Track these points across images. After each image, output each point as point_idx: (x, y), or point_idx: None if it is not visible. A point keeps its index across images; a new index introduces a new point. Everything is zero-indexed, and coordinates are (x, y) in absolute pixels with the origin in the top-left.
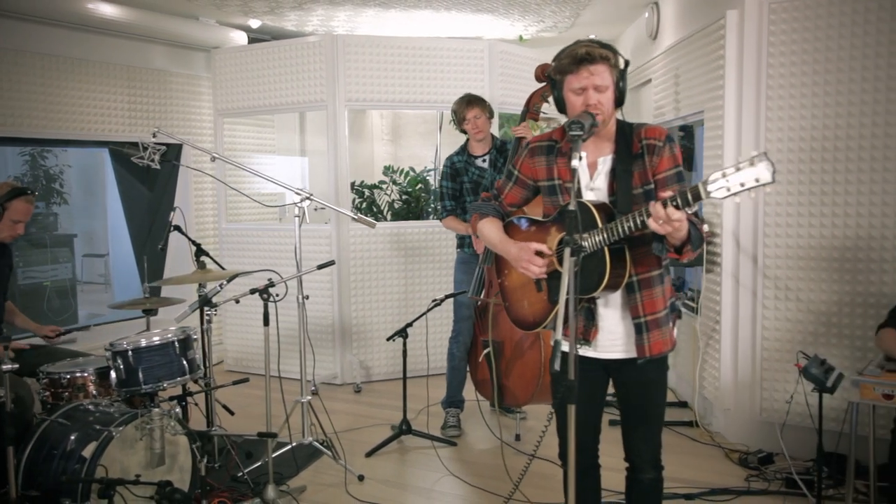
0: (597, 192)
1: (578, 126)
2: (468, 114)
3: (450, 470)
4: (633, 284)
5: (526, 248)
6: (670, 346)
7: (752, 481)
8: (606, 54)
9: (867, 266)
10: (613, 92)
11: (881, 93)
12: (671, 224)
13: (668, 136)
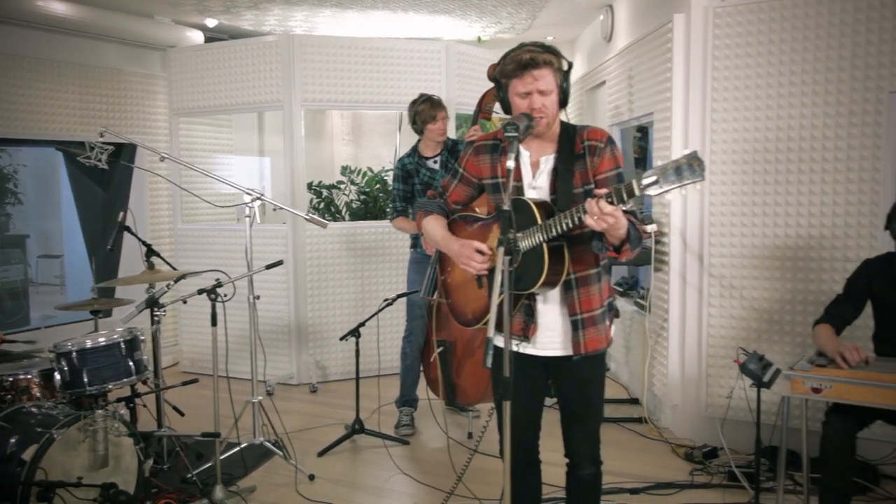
0: (539, 190)
1: (513, 128)
2: (439, 114)
3: (401, 468)
4: (571, 282)
5: (467, 246)
6: (605, 343)
7: (695, 475)
8: (550, 59)
9: (807, 265)
10: (557, 94)
11: (819, 96)
12: (605, 219)
13: (610, 138)
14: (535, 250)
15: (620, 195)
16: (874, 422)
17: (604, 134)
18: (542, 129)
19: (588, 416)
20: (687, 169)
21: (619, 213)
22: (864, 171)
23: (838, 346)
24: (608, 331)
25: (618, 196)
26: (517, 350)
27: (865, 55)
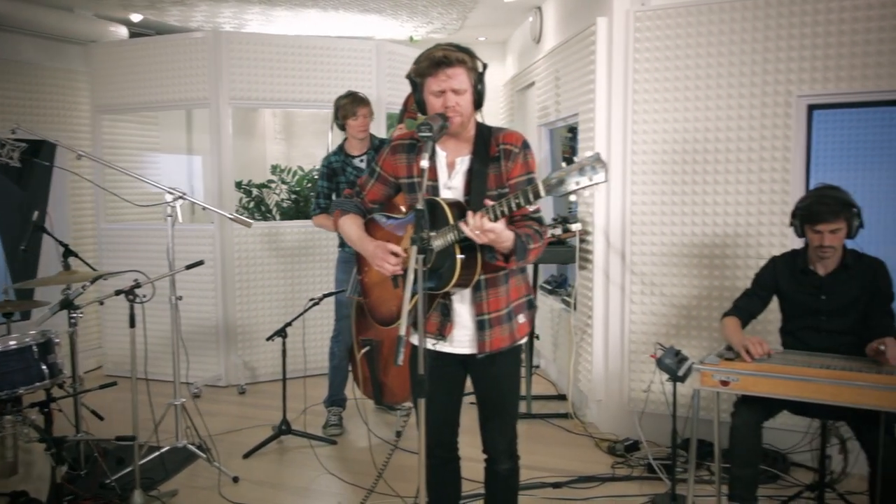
0: (454, 190)
1: (427, 128)
2: (360, 111)
3: (327, 468)
4: (480, 283)
5: (381, 247)
6: (510, 342)
7: (617, 468)
8: (463, 58)
9: (723, 262)
10: (472, 94)
11: (734, 99)
12: (486, 234)
13: (525, 142)
14: (447, 250)
15: (527, 196)
16: (780, 412)
17: (519, 138)
18: (456, 127)
19: (503, 411)
20: (590, 170)
21: (499, 229)
22: (775, 172)
23: (743, 340)
24: (520, 329)
25: (524, 197)
26: (434, 348)
27: (776, 61)
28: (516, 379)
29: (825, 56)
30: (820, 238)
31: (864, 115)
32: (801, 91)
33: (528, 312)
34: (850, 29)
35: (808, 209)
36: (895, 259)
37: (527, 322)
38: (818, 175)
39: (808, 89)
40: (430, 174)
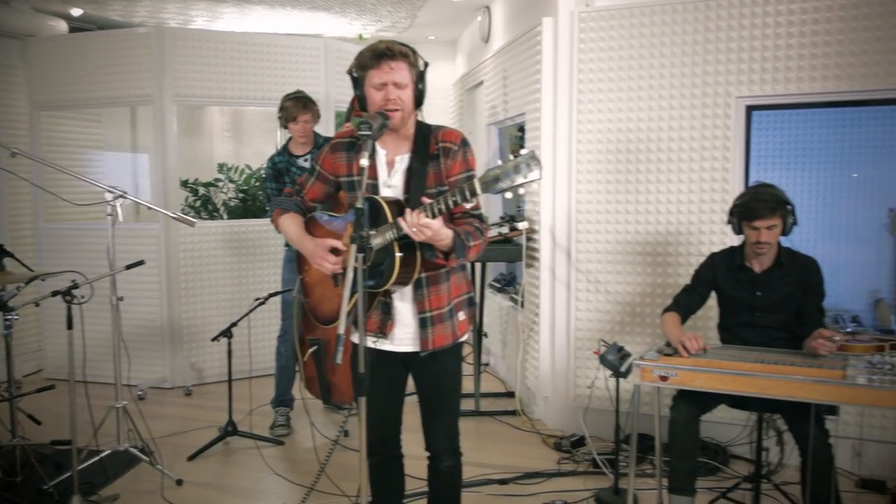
0: (393, 189)
1: (367, 126)
2: (301, 117)
3: (273, 469)
4: (421, 280)
5: (321, 245)
6: (453, 339)
7: (562, 464)
8: (406, 51)
9: (665, 259)
10: (413, 91)
11: (676, 100)
12: (422, 231)
13: (464, 140)
14: (387, 249)
15: (464, 193)
16: (717, 406)
17: (458, 136)
18: (397, 123)
19: (445, 409)
20: (525, 168)
21: (436, 226)
22: (715, 171)
23: (680, 336)
24: (461, 326)
25: (461, 194)
26: (375, 347)
27: (716, 62)
28: (458, 376)
29: (762, 59)
30: (757, 234)
31: (800, 116)
32: (740, 92)
33: (469, 310)
34: (785, 32)
35: (746, 206)
36: (831, 255)
37: (467, 319)
38: (757, 174)
39: (747, 90)
40: (370, 172)
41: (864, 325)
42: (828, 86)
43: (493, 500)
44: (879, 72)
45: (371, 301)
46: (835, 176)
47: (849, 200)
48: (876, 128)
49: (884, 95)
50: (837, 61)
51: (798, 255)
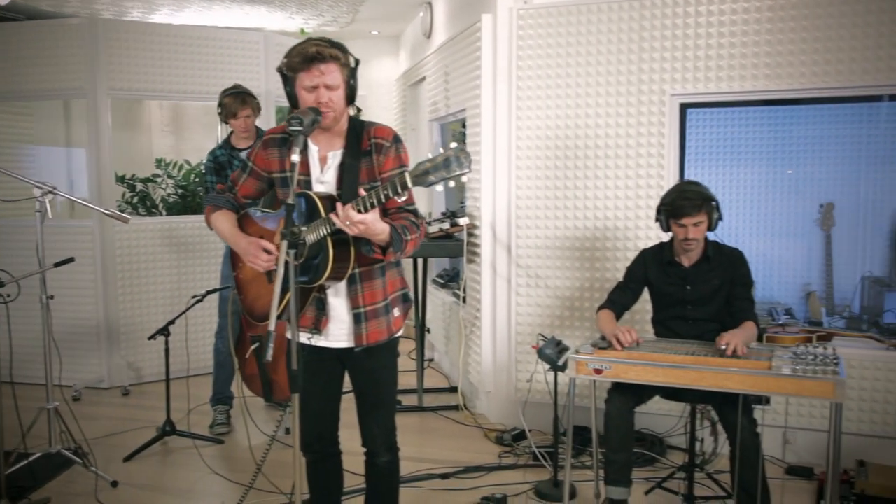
0: (326, 185)
1: (298, 122)
2: (241, 112)
3: (212, 468)
4: (355, 276)
5: (253, 243)
6: (387, 335)
7: (504, 457)
8: (336, 54)
9: (603, 254)
10: (345, 90)
11: (612, 97)
12: (356, 226)
13: (396, 136)
14: (320, 244)
15: (395, 187)
16: (652, 398)
17: (390, 132)
18: (329, 122)
19: (381, 404)
20: (455, 161)
21: (370, 219)
22: (651, 168)
23: (614, 329)
24: (395, 322)
25: (392, 188)
26: (310, 343)
27: (651, 60)
28: (393, 372)
29: (695, 57)
30: (684, 231)
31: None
32: (674, 90)
33: (404, 306)
34: (717, 32)
35: (672, 204)
36: (765, 250)
37: (402, 316)
38: (695, 171)
39: (681, 88)
40: (303, 168)
41: (796, 318)
42: (758, 84)
43: (434, 494)
44: (806, 71)
45: (306, 297)
46: (769, 172)
47: (783, 196)
48: (808, 126)
49: (812, 94)
50: (767, 61)
51: (724, 248)
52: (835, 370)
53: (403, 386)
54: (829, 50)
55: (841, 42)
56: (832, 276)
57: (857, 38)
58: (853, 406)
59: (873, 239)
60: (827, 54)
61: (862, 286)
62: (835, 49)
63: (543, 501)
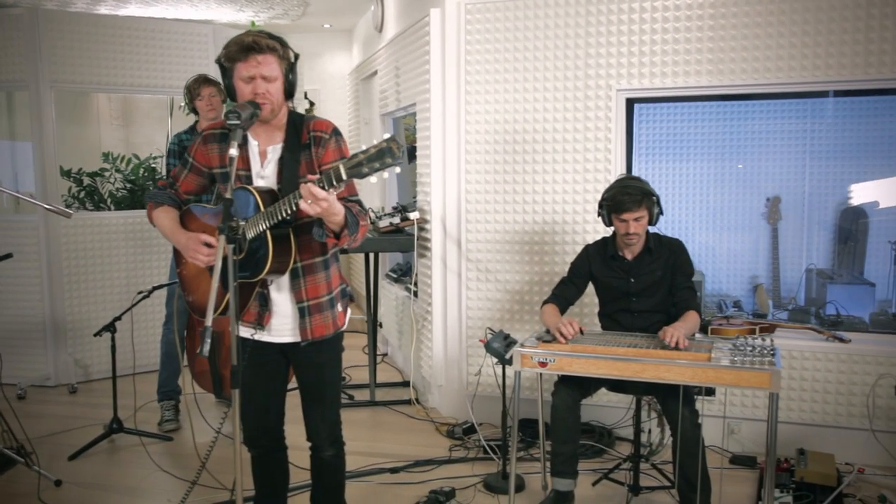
0: (266, 179)
1: (236, 115)
2: (204, 91)
3: (159, 465)
4: (298, 270)
5: (194, 238)
6: (332, 329)
7: (454, 451)
8: (274, 45)
9: (552, 248)
10: (283, 83)
11: (560, 91)
12: (319, 203)
13: (335, 129)
14: (260, 238)
15: (329, 179)
16: (598, 390)
17: (329, 125)
18: (266, 115)
19: (325, 399)
20: (388, 153)
21: (332, 198)
22: (598, 162)
23: (557, 322)
24: (339, 317)
25: (327, 180)
26: (254, 338)
27: (597, 56)
28: (337, 367)
29: (640, 52)
30: (626, 226)
31: (688, 109)
32: (620, 85)
33: (345, 301)
34: (661, 28)
35: (613, 199)
36: (715, 243)
37: (344, 311)
38: (646, 165)
39: (626, 83)
40: (244, 163)
41: (744, 310)
42: (701, 80)
43: (384, 489)
44: (748, 67)
45: (248, 293)
46: (718, 167)
47: (731, 191)
48: (756, 121)
49: (755, 90)
50: (710, 57)
51: (664, 239)
52: (771, 361)
53: (357, 381)
54: (769, 47)
55: (781, 39)
56: (779, 268)
57: (796, 35)
58: (794, 396)
59: (818, 232)
60: (768, 51)
61: (806, 279)
62: (776, 46)
63: (492, 494)
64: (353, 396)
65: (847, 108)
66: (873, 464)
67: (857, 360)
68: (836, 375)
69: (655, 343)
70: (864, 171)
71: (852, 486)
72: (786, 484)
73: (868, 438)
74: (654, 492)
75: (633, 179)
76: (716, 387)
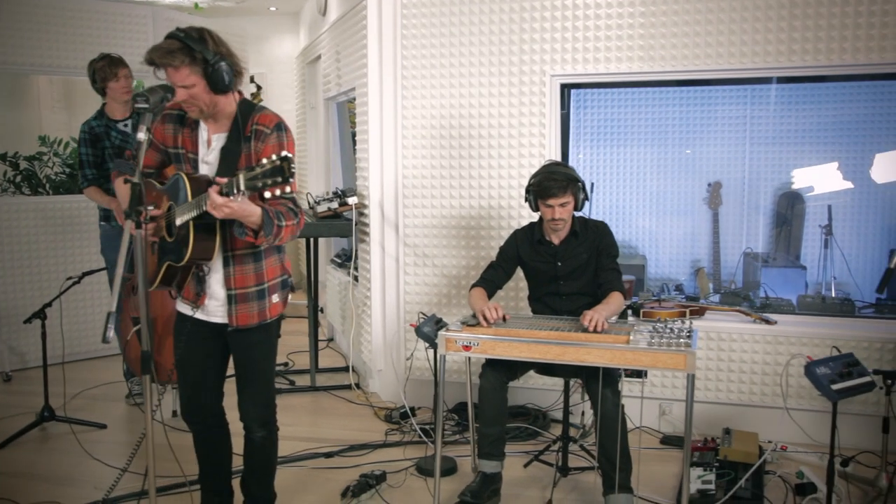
0: (210, 166)
1: (143, 99)
2: (120, 72)
3: (91, 454)
4: (228, 259)
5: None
6: (258, 319)
7: (390, 435)
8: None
9: (488, 233)
10: (205, 83)
11: (495, 77)
12: (220, 209)
13: (279, 125)
14: (186, 225)
15: (231, 187)
16: (526, 372)
17: (273, 119)
18: (196, 115)
19: (255, 381)
20: (279, 172)
21: (235, 205)
22: (532, 147)
23: (481, 306)
24: (273, 308)
25: (228, 187)
26: (192, 316)
27: (531, 41)
28: (269, 351)
29: (574, 39)
30: (551, 212)
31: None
32: (554, 71)
33: (283, 293)
34: (594, 14)
35: (539, 185)
36: (658, 228)
37: (280, 302)
38: (587, 150)
39: (560, 69)
40: (192, 147)
41: (685, 293)
42: (633, 66)
43: (316, 473)
44: (677, 54)
45: (186, 272)
46: (663, 152)
47: (675, 175)
48: (698, 107)
49: (685, 76)
50: (641, 43)
51: (589, 222)
52: (687, 343)
53: (301, 366)
54: (699, 34)
55: (710, 26)
56: (719, 252)
57: (724, 23)
58: (723, 377)
59: (757, 217)
60: (697, 38)
61: (744, 262)
62: (704, 33)
63: (422, 477)
64: (294, 382)
65: (787, 95)
66: (797, 441)
67: (782, 342)
68: (762, 356)
69: (577, 326)
70: (803, 156)
71: (774, 463)
72: (710, 463)
73: (791, 416)
74: (584, 472)
75: (559, 165)
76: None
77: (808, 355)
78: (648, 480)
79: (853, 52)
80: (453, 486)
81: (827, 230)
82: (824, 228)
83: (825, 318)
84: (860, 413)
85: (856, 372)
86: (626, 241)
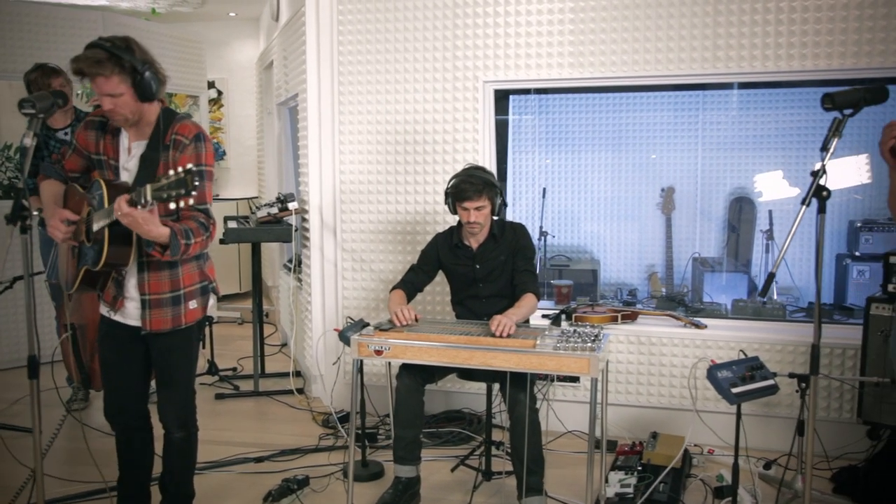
0: (130, 173)
1: (29, 105)
2: (55, 81)
3: (20, 461)
4: (143, 265)
5: (57, 214)
6: (171, 325)
7: (324, 440)
8: (99, 71)
9: (425, 238)
10: (132, 91)
11: (430, 83)
12: (125, 218)
13: (198, 135)
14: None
15: (139, 196)
16: (445, 376)
17: (192, 130)
18: (120, 124)
19: (172, 383)
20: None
21: (136, 214)
22: (467, 153)
23: (394, 309)
24: (189, 313)
25: (136, 197)
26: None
27: (465, 48)
28: (186, 355)
29: (506, 45)
30: (467, 215)
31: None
32: (487, 77)
33: (202, 299)
34: (525, 21)
35: (456, 188)
36: (610, 232)
37: (199, 308)
38: (551, 155)
39: (493, 75)
40: (113, 153)
41: (638, 297)
42: (563, 73)
43: (242, 478)
44: (605, 60)
45: (107, 276)
46: (617, 157)
47: (629, 181)
48: (651, 112)
49: (612, 83)
50: (570, 50)
51: (507, 224)
52: (593, 347)
53: (247, 371)
54: (626, 40)
55: (637, 33)
56: (672, 257)
57: (650, 30)
58: (654, 381)
59: (708, 222)
60: (624, 44)
61: (692, 267)
62: (632, 39)
63: (346, 481)
64: (238, 387)
65: (741, 101)
66: (724, 445)
67: (710, 346)
68: (691, 360)
69: (486, 331)
70: (754, 162)
71: (700, 466)
72: (632, 466)
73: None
74: (508, 476)
75: (478, 170)
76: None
77: (713, 359)
78: (571, 483)
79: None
80: (378, 491)
81: (768, 235)
82: (766, 233)
83: (755, 323)
84: (788, 416)
85: (759, 375)
86: (580, 246)
